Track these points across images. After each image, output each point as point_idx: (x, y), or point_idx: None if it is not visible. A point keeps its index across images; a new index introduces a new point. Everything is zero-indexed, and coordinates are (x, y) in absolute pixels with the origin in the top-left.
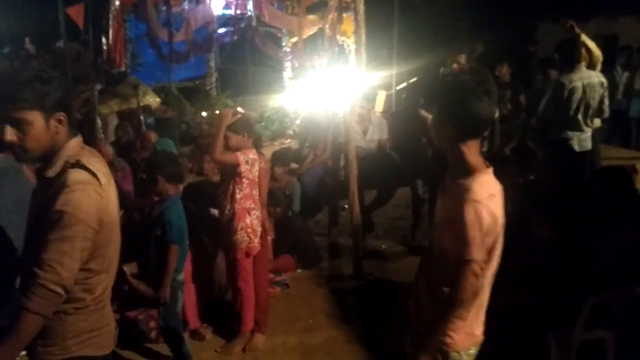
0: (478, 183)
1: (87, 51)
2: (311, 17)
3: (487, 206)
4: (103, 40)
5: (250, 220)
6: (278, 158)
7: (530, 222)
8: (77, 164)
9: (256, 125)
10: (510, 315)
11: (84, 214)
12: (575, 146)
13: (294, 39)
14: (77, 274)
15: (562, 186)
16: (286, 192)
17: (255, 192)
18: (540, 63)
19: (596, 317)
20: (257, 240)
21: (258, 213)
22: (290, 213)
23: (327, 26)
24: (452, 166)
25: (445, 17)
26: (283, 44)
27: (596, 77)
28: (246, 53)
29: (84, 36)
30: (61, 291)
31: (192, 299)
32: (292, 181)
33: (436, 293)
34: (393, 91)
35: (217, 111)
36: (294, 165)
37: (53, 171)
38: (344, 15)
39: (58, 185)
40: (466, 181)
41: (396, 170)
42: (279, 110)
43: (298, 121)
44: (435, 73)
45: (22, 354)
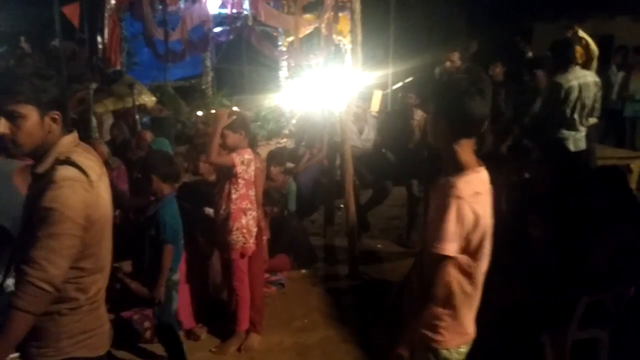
0: (464, 181)
1: (83, 50)
2: (307, 17)
3: (470, 203)
4: (98, 39)
5: (245, 220)
6: (274, 157)
7: (525, 222)
8: (66, 161)
9: (252, 124)
10: (504, 314)
11: (72, 211)
12: (570, 146)
13: (290, 38)
14: (69, 273)
15: (558, 186)
16: (282, 192)
17: (251, 192)
18: (527, 63)
19: (590, 317)
20: (253, 240)
21: (254, 213)
22: (286, 213)
23: (324, 25)
24: (445, 164)
25: (441, 17)
26: (279, 43)
27: (590, 77)
28: (242, 52)
29: (80, 35)
30: (49, 288)
31: (187, 299)
32: (288, 181)
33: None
34: (389, 91)
35: (213, 110)
36: (290, 164)
37: (43, 167)
38: (340, 14)
39: (46, 181)
40: (453, 178)
41: (392, 169)
42: (275, 109)
43: (294, 120)
44: (430, 72)
45: (15, 356)
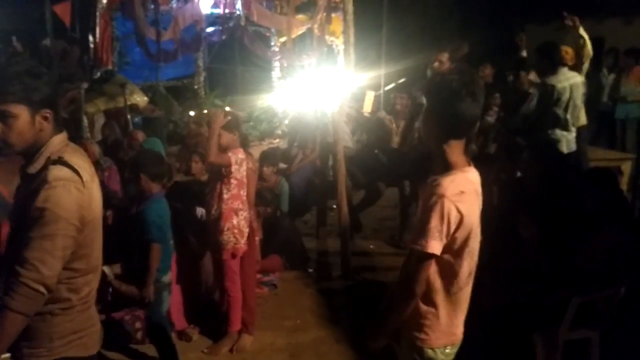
0: (449, 180)
1: (74, 49)
2: (300, 17)
3: (454, 202)
4: (90, 38)
5: (237, 221)
6: (267, 158)
7: (517, 222)
8: (59, 161)
9: (245, 124)
10: (496, 314)
11: (65, 211)
12: (563, 147)
13: (283, 39)
14: (62, 273)
15: (549, 186)
16: (274, 192)
17: (243, 193)
18: (515, 64)
19: (581, 317)
20: (244, 241)
21: (246, 214)
22: (278, 213)
23: (316, 26)
24: (435, 163)
25: (433, 18)
26: (272, 44)
27: (578, 77)
28: (235, 52)
29: (71, 34)
30: (43, 290)
31: (179, 300)
32: (281, 181)
33: None
34: (381, 92)
35: (205, 110)
36: (283, 165)
37: (35, 167)
38: (333, 15)
39: (39, 181)
40: (440, 177)
41: (384, 170)
42: (268, 110)
43: (287, 121)
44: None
45: (7, 356)
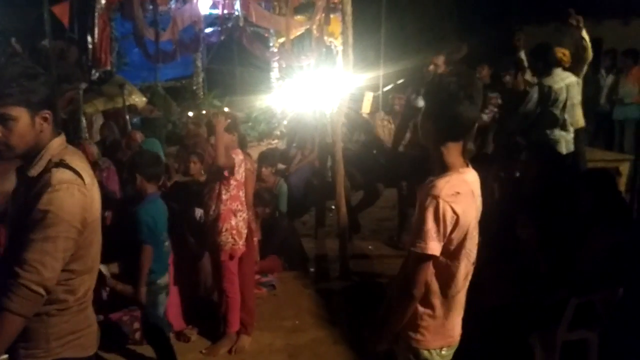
0: (444, 181)
1: (72, 49)
2: (299, 18)
3: (449, 203)
4: (88, 39)
5: (235, 221)
6: (265, 158)
7: (515, 223)
8: (61, 163)
9: (243, 125)
10: (494, 315)
11: (68, 214)
12: (562, 148)
13: (282, 40)
14: (60, 275)
15: (547, 187)
16: (273, 193)
17: (241, 194)
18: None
19: (580, 318)
20: (242, 242)
21: (244, 215)
22: (277, 214)
23: (315, 27)
24: (432, 165)
25: (432, 19)
26: (270, 44)
27: (572, 77)
28: (233, 53)
29: (69, 34)
30: (42, 292)
31: (177, 301)
32: (279, 182)
33: None
34: (380, 92)
35: (204, 111)
36: (281, 165)
37: (36, 170)
38: (332, 16)
39: (42, 184)
40: (435, 179)
41: (383, 171)
42: (266, 110)
43: (285, 122)
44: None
45: (4, 357)
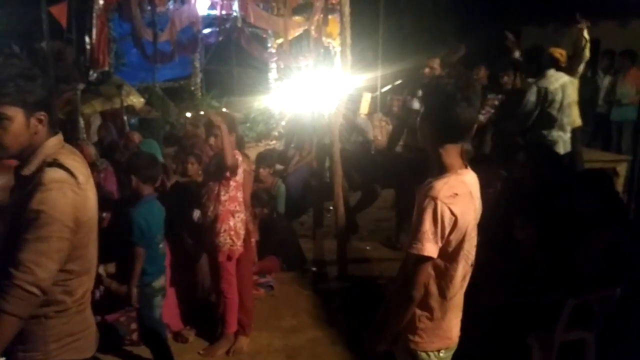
0: (442, 182)
1: (69, 50)
2: (297, 19)
3: (447, 204)
4: (86, 39)
5: (233, 222)
6: (263, 159)
7: (513, 224)
8: (54, 163)
9: (241, 126)
10: (492, 315)
11: (60, 213)
12: (560, 149)
13: (280, 40)
14: (56, 275)
15: (544, 188)
16: (271, 193)
17: (240, 195)
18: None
19: (577, 318)
20: (240, 243)
21: (242, 215)
22: (275, 214)
23: (313, 28)
24: (431, 166)
25: (429, 20)
26: (268, 45)
27: (566, 77)
28: (231, 54)
29: (67, 35)
30: (38, 292)
31: (175, 301)
32: (277, 182)
33: None
34: (378, 93)
35: (202, 112)
36: (279, 166)
37: (29, 169)
38: (330, 17)
39: (34, 183)
40: (434, 180)
41: (381, 172)
42: (265, 111)
43: (283, 122)
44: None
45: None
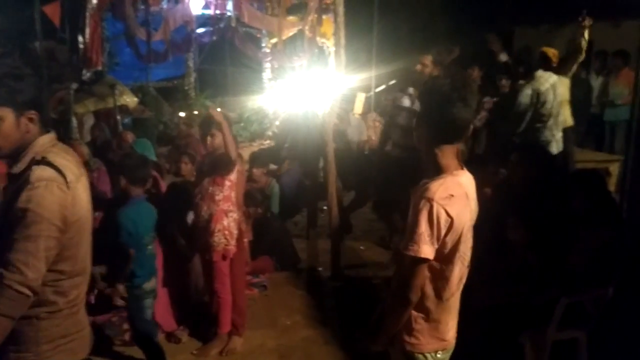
0: (438, 184)
1: (63, 50)
2: (291, 19)
3: (443, 205)
4: (80, 38)
5: (227, 222)
6: (257, 159)
7: (505, 224)
8: (43, 161)
9: (235, 126)
10: (485, 315)
11: (47, 212)
12: (553, 149)
13: (274, 40)
14: (47, 276)
15: (537, 188)
16: (265, 193)
17: (233, 194)
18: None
19: (569, 318)
20: (234, 242)
21: (235, 215)
22: (268, 214)
23: (307, 28)
24: (426, 167)
25: (424, 20)
26: (262, 45)
27: (554, 76)
28: (225, 53)
29: (60, 34)
30: (27, 292)
31: (167, 302)
32: (271, 182)
33: None
34: (372, 93)
35: (196, 112)
36: (273, 166)
37: (18, 167)
38: (324, 17)
39: (22, 182)
40: (429, 181)
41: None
42: (258, 111)
43: (277, 122)
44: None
45: None
